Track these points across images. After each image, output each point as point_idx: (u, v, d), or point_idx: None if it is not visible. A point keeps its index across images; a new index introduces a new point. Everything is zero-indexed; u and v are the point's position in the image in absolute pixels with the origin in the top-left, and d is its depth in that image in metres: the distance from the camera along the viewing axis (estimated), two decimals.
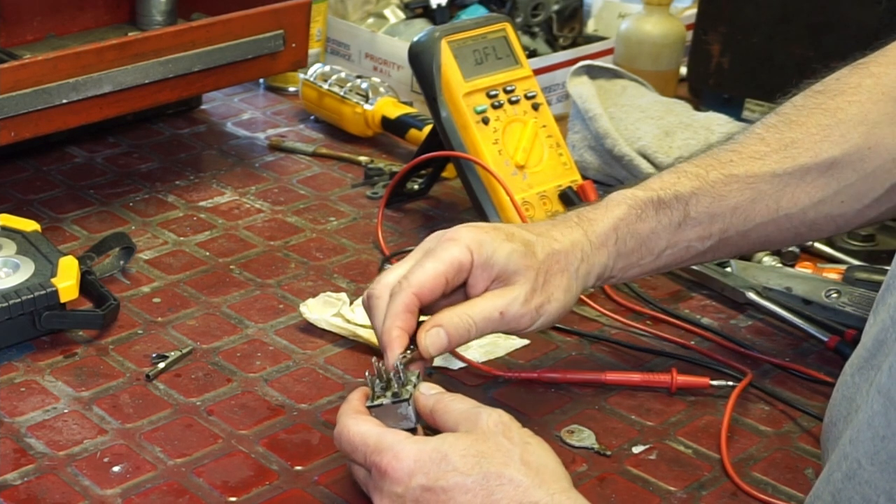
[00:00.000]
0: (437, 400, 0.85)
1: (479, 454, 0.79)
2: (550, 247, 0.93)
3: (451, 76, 1.21)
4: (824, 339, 1.09)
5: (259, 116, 1.57)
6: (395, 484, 0.80)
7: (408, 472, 0.80)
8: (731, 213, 0.98)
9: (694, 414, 1.02)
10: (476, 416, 0.82)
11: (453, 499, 0.78)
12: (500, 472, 0.78)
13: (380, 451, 0.81)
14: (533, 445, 0.81)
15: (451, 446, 0.80)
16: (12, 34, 1.48)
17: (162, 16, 1.55)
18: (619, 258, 0.97)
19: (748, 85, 1.54)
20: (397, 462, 0.80)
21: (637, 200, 0.97)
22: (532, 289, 0.91)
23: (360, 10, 1.72)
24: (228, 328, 1.11)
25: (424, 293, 0.89)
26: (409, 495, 0.80)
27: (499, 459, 0.79)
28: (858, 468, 0.70)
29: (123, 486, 0.90)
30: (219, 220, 1.30)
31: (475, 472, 0.78)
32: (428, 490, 0.79)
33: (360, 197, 1.37)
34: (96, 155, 1.44)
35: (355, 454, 0.83)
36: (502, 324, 0.91)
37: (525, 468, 0.79)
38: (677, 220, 0.97)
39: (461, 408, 0.84)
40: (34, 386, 1.01)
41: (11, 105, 1.16)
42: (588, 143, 1.33)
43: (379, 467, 0.81)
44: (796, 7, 1.48)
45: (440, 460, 0.79)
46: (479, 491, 0.78)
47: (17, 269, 1.08)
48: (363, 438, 0.83)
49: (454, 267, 0.90)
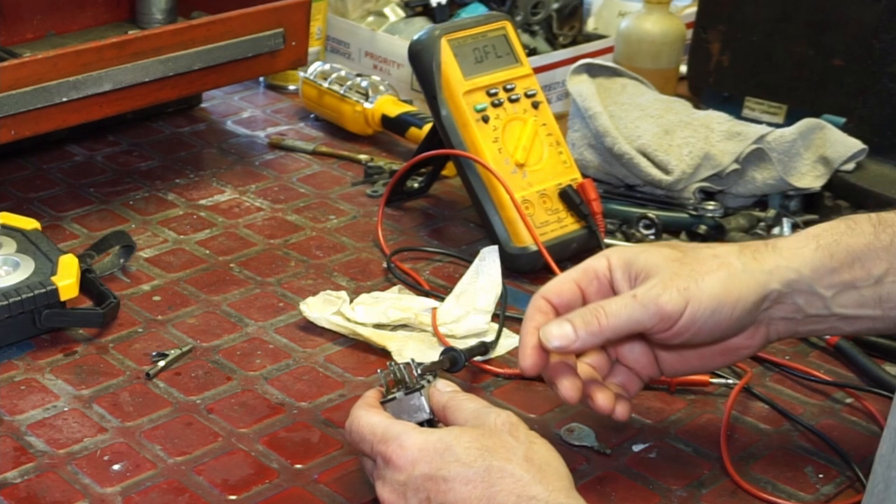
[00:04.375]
0: (451, 397, 0.86)
1: (483, 448, 0.80)
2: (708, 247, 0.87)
3: (451, 74, 1.21)
4: (825, 337, 1.09)
5: (259, 115, 1.57)
6: (397, 472, 0.81)
7: (411, 460, 0.81)
8: None
9: (694, 412, 1.02)
10: (485, 415, 0.84)
11: (454, 489, 0.79)
12: (502, 466, 0.79)
13: (386, 440, 0.82)
14: (538, 445, 0.82)
15: (456, 438, 0.81)
16: (12, 32, 1.48)
17: (162, 14, 1.55)
18: (821, 270, 0.85)
19: (748, 83, 1.54)
20: (401, 451, 0.81)
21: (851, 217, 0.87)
22: (673, 273, 0.84)
23: (359, 8, 1.72)
24: (228, 326, 1.11)
25: (551, 295, 0.88)
26: (410, 483, 0.80)
27: (502, 454, 0.80)
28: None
29: (123, 484, 0.90)
30: (219, 219, 1.30)
31: (478, 464, 0.79)
32: (430, 479, 0.80)
33: (359, 195, 1.37)
34: (96, 153, 1.44)
35: (363, 444, 0.84)
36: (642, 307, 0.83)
37: (527, 465, 0.79)
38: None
39: (472, 406, 0.85)
40: (34, 384, 1.01)
41: (11, 103, 1.16)
42: (588, 142, 1.33)
43: (384, 456, 0.82)
44: (796, 5, 1.48)
45: (444, 451, 0.80)
46: (480, 482, 0.78)
47: (17, 267, 1.08)
48: (371, 428, 0.84)
49: (586, 273, 0.89)
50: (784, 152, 1.29)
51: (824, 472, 0.95)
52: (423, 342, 1.07)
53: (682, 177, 1.29)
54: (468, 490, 0.79)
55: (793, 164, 1.29)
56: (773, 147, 1.29)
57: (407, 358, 0.97)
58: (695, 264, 0.85)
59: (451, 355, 0.97)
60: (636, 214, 1.28)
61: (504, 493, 0.78)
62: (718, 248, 0.87)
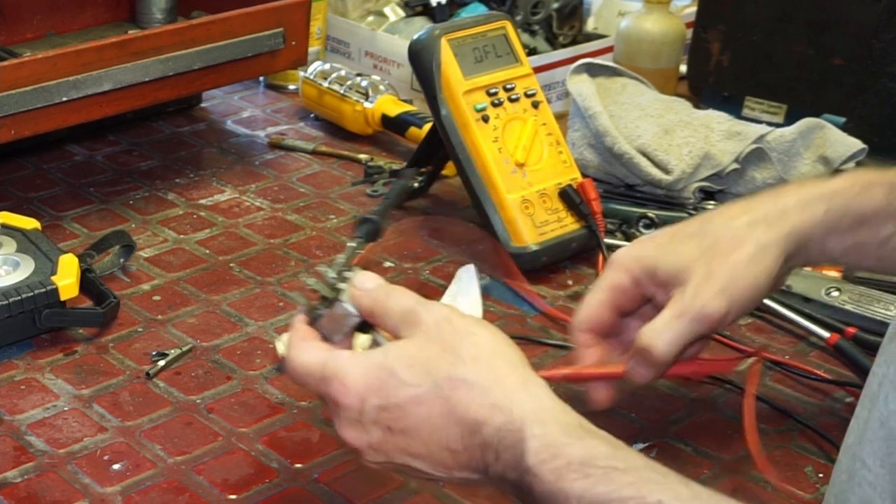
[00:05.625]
0: (374, 300, 0.80)
1: (425, 361, 0.75)
2: (723, 227, 0.89)
3: (451, 74, 1.21)
4: (825, 337, 1.09)
5: (259, 114, 1.57)
6: (349, 410, 0.77)
7: (358, 396, 0.76)
8: None
9: (694, 412, 1.02)
10: (416, 315, 0.78)
11: (410, 413, 0.75)
12: (450, 374, 0.74)
13: (326, 379, 0.78)
14: (480, 335, 0.77)
15: (396, 358, 0.76)
16: (12, 32, 1.48)
17: (162, 14, 1.55)
18: (831, 232, 0.89)
19: (748, 83, 1.54)
20: (345, 389, 0.76)
21: (865, 177, 0.90)
22: (704, 277, 0.87)
23: (359, 8, 1.72)
24: (228, 326, 1.11)
25: (593, 325, 0.92)
26: (366, 418, 0.76)
27: (447, 361, 0.75)
28: (862, 468, 0.68)
29: (123, 483, 0.90)
30: (219, 218, 1.30)
31: (426, 381, 0.75)
32: (383, 409, 0.76)
33: (359, 195, 1.37)
34: (96, 153, 1.44)
35: (308, 387, 0.80)
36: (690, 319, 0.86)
37: (476, 365, 0.75)
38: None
39: (399, 308, 0.79)
40: (34, 384, 1.01)
41: (11, 103, 1.16)
42: (588, 141, 1.33)
43: (329, 397, 0.78)
44: (796, 5, 1.48)
45: (388, 377, 0.76)
46: (435, 400, 0.75)
47: (17, 266, 1.08)
48: (307, 370, 0.79)
49: (615, 291, 0.91)
50: (784, 152, 1.29)
51: (824, 471, 0.95)
52: None
53: (682, 176, 1.29)
54: (426, 410, 0.75)
55: (793, 163, 1.29)
56: (772, 147, 1.29)
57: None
58: (719, 255, 0.87)
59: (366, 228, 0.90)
60: (636, 214, 1.28)
61: (462, 403, 0.74)
62: (730, 222, 0.89)
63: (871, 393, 0.69)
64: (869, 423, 0.68)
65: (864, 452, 0.68)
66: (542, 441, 0.72)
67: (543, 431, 0.72)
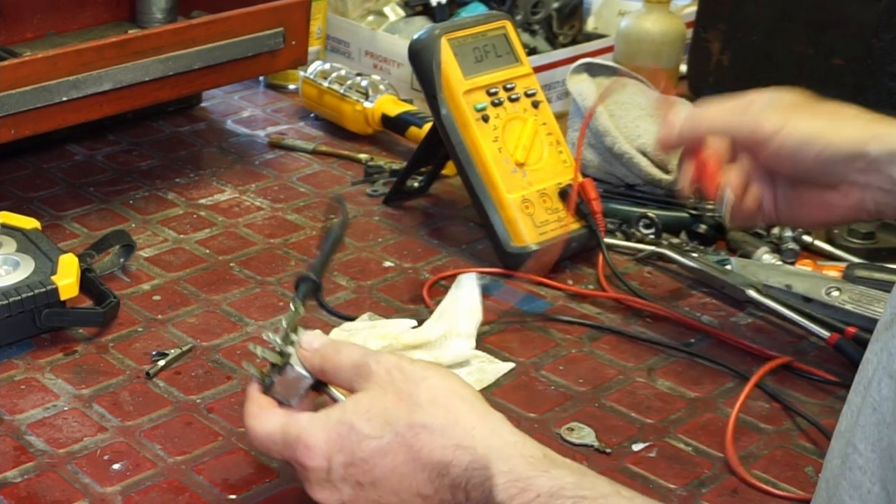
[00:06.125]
0: (323, 358, 0.82)
1: (383, 411, 0.77)
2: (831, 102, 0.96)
3: (451, 74, 1.21)
4: (825, 337, 1.09)
5: (259, 114, 1.57)
6: (316, 471, 0.78)
7: (323, 456, 0.77)
8: None
9: (694, 411, 1.02)
10: (367, 368, 0.79)
11: (377, 465, 0.76)
12: (410, 422, 0.76)
13: (289, 445, 0.79)
14: (432, 379, 0.78)
15: (353, 413, 0.77)
16: (12, 32, 1.48)
17: (162, 13, 1.55)
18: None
19: (748, 83, 1.52)
20: (309, 451, 0.78)
21: None
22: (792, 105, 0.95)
23: (359, 7, 1.72)
24: (228, 326, 1.11)
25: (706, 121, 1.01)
26: (334, 476, 0.77)
27: (404, 409, 0.76)
28: (854, 452, 0.69)
29: (123, 483, 0.90)
30: (219, 218, 1.30)
31: (387, 431, 0.76)
32: (350, 465, 0.77)
33: (359, 194, 1.37)
34: (96, 153, 1.44)
35: (272, 455, 0.81)
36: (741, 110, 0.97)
37: (433, 409, 0.76)
38: None
39: (348, 362, 0.81)
40: (34, 383, 1.01)
41: (11, 102, 1.16)
42: (588, 141, 1.33)
43: (295, 461, 0.79)
44: (796, 5, 1.48)
45: (348, 432, 0.77)
46: (399, 448, 0.76)
47: (17, 266, 1.08)
48: (269, 438, 0.80)
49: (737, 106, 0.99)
50: None
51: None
52: None
53: None
54: (391, 460, 0.76)
55: None
56: None
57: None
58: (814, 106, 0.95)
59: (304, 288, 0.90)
60: (636, 214, 1.28)
61: (426, 448, 0.75)
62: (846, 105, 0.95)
63: (865, 379, 0.70)
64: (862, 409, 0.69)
65: (856, 438, 0.69)
66: (509, 476, 0.73)
67: (510, 467, 0.74)
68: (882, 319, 0.71)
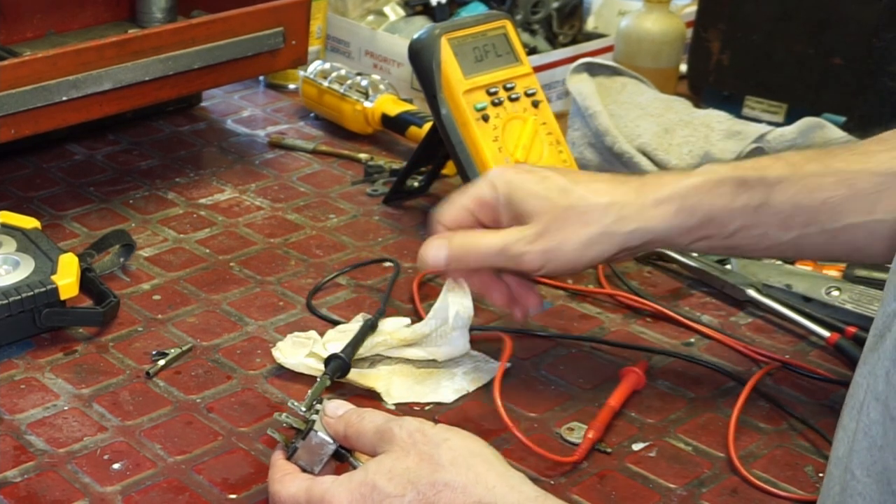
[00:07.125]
0: (347, 423, 0.85)
1: (405, 471, 0.79)
2: (583, 198, 0.94)
3: (451, 73, 1.21)
4: (825, 337, 1.09)
5: (259, 114, 1.57)
6: None
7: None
8: (819, 207, 0.92)
9: (694, 411, 1.02)
10: (389, 432, 0.82)
11: None
12: (432, 481, 0.78)
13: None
14: (453, 440, 0.81)
15: (375, 473, 0.80)
16: (12, 31, 1.48)
17: (162, 13, 1.55)
18: (680, 229, 0.94)
19: (748, 82, 1.54)
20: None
21: (718, 175, 0.94)
22: (540, 232, 0.94)
23: (359, 7, 1.72)
24: (228, 325, 1.11)
25: (449, 223, 0.99)
26: None
27: (426, 469, 0.79)
28: (852, 479, 0.68)
29: (123, 483, 0.90)
30: (219, 218, 1.30)
31: (409, 490, 0.78)
32: None
33: (359, 194, 1.37)
34: (96, 152, 1.44)
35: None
36: (506, 258, 0.95)
37: (454, 468, 0.78)
38: (755, 203, 0.92)
39: (371, 427, 0.84)
40: (34, 383, 1.01)
41: (11, 102, 1.16)
42: (588, 141, 1.33)
43: None
44: (796, 4, 1.48)
45: (370, 491, 0.79)
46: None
47: (17, 266, 1.08)
48: (293, 499, 0.82)
49: (477, 202, 0.98)
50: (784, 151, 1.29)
51: (825, 471, 0.95)
52: (408, 376, 1.03)
53: None
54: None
55: None
56: (773, 146, 1.29)
57: (395, 398, 0.98)
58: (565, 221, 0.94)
59: (334, 365, 0.98)
60: None
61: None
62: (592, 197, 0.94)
63: (857, 403, 0.70)
64: (856, 434, 0.69)
65: (853, 464, 0.68)
66: None
67: None
68: (868, 342, 0.72)
